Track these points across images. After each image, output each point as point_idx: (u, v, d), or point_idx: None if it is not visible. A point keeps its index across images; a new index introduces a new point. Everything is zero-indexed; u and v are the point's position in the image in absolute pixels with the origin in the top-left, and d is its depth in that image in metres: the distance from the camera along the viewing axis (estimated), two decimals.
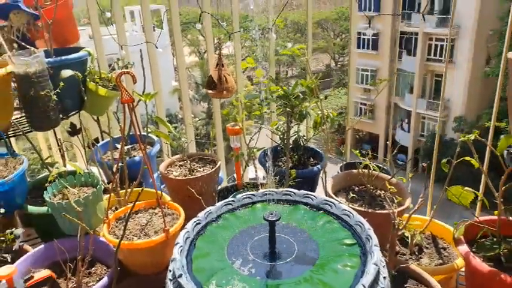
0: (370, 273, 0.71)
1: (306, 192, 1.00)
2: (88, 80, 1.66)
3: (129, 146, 1.70)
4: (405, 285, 1.14)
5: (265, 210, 0.98)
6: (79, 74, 1.56)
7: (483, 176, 1.28)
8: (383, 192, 1.28)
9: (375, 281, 0.72)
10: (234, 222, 0.94)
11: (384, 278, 0.75)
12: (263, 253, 0.82)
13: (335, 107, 18.22)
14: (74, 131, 1.84)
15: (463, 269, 1.19)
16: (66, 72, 1.53)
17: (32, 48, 1.45)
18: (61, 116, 1.61)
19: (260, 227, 0.90)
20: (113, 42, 1.88)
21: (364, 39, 17.70)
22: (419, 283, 1.14)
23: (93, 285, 1.22)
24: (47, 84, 1.45)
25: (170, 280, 0.78)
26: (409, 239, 1.35)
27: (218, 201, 1.63)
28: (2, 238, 1.26)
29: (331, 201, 0.96)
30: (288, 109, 1.41)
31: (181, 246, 0.82)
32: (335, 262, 0.79)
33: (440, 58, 15.33)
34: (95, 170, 1.64)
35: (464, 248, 1.06)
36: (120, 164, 1.29)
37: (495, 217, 1.10)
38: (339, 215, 0.93)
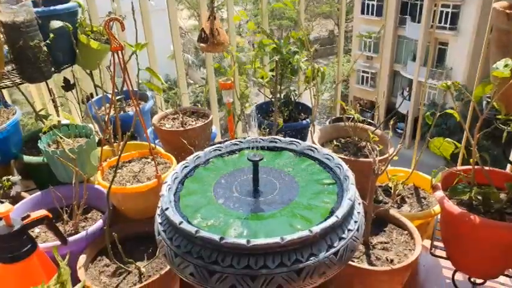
0: (344, 207, 0.76)
1: (291, 139, 1.04)
2: (79, 32, 1.65)
3: (121, 96, 1.72)
4: (384, 229, 1.21)
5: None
6: (69, 26, 1.56)
7: (465, 131, 1.32)
8: (368, 143, 1.32)
9: (349, 214, 0.77)
10: (221, 166, 0.99)
11: (358, 213, 0.80)
12: (247, 191, 0.87)
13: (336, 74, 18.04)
14: (67, 85, 1.86)
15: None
16: (56, 23, 1.53)
17: None
18: (53, 69, 1.62)
19: (245, 170, 0.94)
20: None
21: (368, 4, 17.25)
22: (398, 227, 1.21)
23: (89, 228, 1.28)
24: (37, 35, 1.45)
25: (158, 215, 0.83)
26: (392, 189, 1.41)
27: None
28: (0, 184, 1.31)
29: (314, 147, 1.00)
30: (279, 63, 1.43)
31: (169, 185, 0.87)
32: (314, 199, 0.84)
33: (445, 25, 15.02)
34: (90, 125, 1.67)
35: (439, 193, 1.12)
36: (111, 114, 1.32)
37: (471, 166, 1.15)
38: (321, 159, 0.97)
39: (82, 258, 1.14)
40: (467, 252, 1.12)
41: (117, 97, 1.63)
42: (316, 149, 0.99)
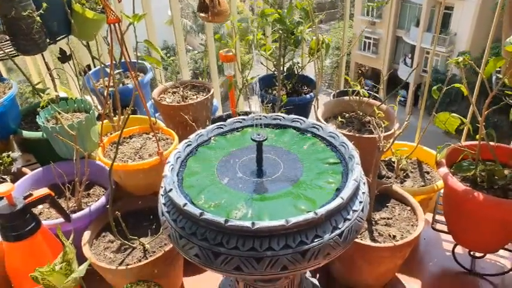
0: (349, 188, 0.75)
1: (295, 116, 1.02)
2: (73, 1, 1.59)
3: (120, 71, 1.68)
4: (387, 204, 1.21)
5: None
6: None
7: (471, 105, 1.30)
8: (373, 118, 1.30)
9: (354, 195, 0.77)
10: (224, 144, 0.97)
11: (363, 193, 0.80)
12: (250, 171, 0.86)
13: (339, 40, 17.72)
14: (64, 57, 1.80)
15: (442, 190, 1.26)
16: None
17: None
18: (48, 40, 1.57)
19: (249, 149, 0.93)
20: None
21: None
22: (400, 202, 1.21)
23: (92, 204, 1.29)
24: (29, 4, 1.40)
25: (162, 195, 0.82)
26: (395, 164, 1.41)
27: None
28: (1, 161, 1.30)
29: (318, 125, 0.98)
30: (283, 34, 1.38)
31: (172, 165, 0.86)
32: (318, 179, 0.83)
33: None
34: (89, 98, 1.64)
35: (443, 169, 1.11)
36: (111, 89, 1.29)
37: (477, 142, 1.13)
38: (325, 137, 0.95)
39: (86, 235, 1.15)
40: (468, 228, 1.13)
41: (116, 71, 1.59)
42: (320, 127, 0.97)
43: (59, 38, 1.64)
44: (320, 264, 0.73)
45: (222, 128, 1.02)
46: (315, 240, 0.70)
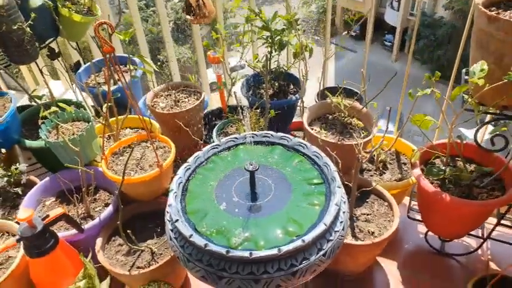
0: (331, 213, 0.87)
1: (282, 134, 1.12)
2: (59, 5, 1.60)
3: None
4: (367, 199, 1.35)
5: (247, 151, 1.11)
6: (49, 3, 1.51)
7: (443, 108, 1.40)
8: (354, 119, 1.40)
9: (336, 217, 0.89)
10: (220, 164, 1.08)
11: (344, 212, 0.93)
12: (245, 194, 0.97)
13: None
14: (52, 54, 1.83)
15: None
16: (36, 1, 1.48)
17: None
18: (37, 44, 1.59)
19: (243, 170, 1.03)
20: None
21: None
22: (379, 198, 1.35)
23: (100, 209, 1.41)
24: (18, 17, 1.42)
25: (169, 221, 0.94)
26: (375, 157, 1.53)
27: (205, 127, 1.75)
28: (9, 173, 1.38)
29: (303, 143, 1.08)
30: (268, 39, 1.43)
31: (175, 192, 0.97)
32: (304, 201, 0.95)
33: None
34: (88, 111, 1.68)
35: (417, 171, 1.24)
36: (108, 106, 1.36)
37: (446, 140, 1.26)
38: (310, 155, 1.06)
39: (99, 241, 1.28)
40: (438, 220, 1.28)
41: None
42: (305, 145, 1.08)
43: (48, 41, 1.66)
44: (308, 279, 0.87)
45: (216, 147, 1.12)
46: (303, 262, 0.83)
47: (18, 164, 1.43)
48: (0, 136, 1.40)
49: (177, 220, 0.89)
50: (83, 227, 1.26)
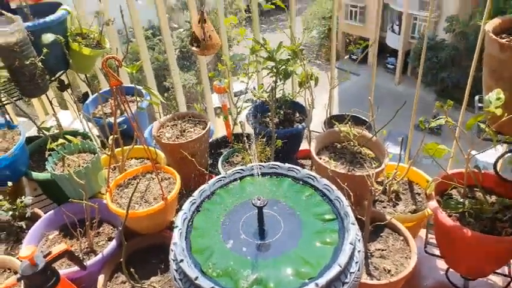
0: (346, 252, 0.82)
1: (290, 165, 1.08)
2: (70, 40, 1.62)
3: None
4: (381, 234, 1.29)
5: (254, 184, 1.07)
6: (61, 38, 1.53)
7: (456, 134, 1.36)
8: (364, 148, 1.37)
9: (351, 257, 0.84)
10: (226, 198, 1.04)
11: (359, 251, 0.87)
12: (253, 231, 0.93)
13: (325, 10, 17.50)
14: (62, 86, 1.84)
15: None
16: (48, 37, 1.50)
17: (10, 15, 1.39)
18: (48, 77, 1.61)
19: (250, 203, 0.99)
20: None
21: None
22: (393, 231, 1.29)
23: (104, 244, 1.37)
24: (31, 52, 1.43)
25: (173, 260, 0.89)
26: (388, 187, 1.48)
27: (211, 154, 1.72)
28: (14, 207, 1.36)
29: (313, 176, 1.04)
30: (273, 69, 1.43)
31: (180, 229, 0.93)
32: (316, 239, 0.90)
33: None
34: (93, 143, 1.67)
35: (433, 203, 1.18)
36: (114, 138, 1.34)
37: (463, 170, 1.21)
38: (321, 188, 1.02)
39: (101, 278, 1.23)
40: (459, 257, 1.21)
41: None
42: (315, 177, 1.04)
43: (58, 74, 1.68)
44: None
45: (222, 180, 1.08)
46: None
47: (23, 196, 1.41)
48: (8, 169, 1.38)
49: (182, 260, 0.84)
50: (85, 263, 1.21)
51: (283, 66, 1.42)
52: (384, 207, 1.46)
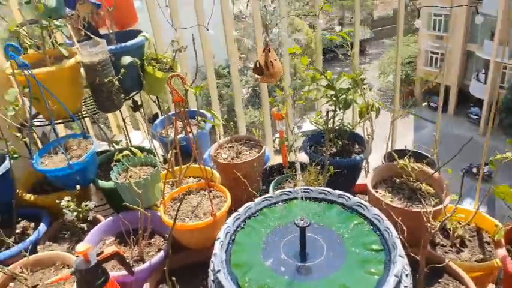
0: (389, 285, 0.76)
1: (340, 192, 1.05)
2: (146, 63, 1.78)
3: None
4: (439, 280, 1.18)
5: (301, 207, 1.05)
6: (137, 61, 1.68)
7: None
8: (424, 185, 1.28)
9: None
10: (270, 218, 1.03)
11: (405, 287, 0.80)
12: (293, 253, 0.91)
13: (404, 55, 17.17)
14: (135, 106, 2.01)
15: None
16: (126, 59, 1.66)
17: (96, 39, 1.59)
18: (123, 96, 1.77)
19: (294, 227, 0.97)
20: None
21: None
22: (454, 279, 1.17)
23: (153, 254, 1.41)
24: (110, 71, 1.59)
25: (211, 271, 0.90)
26: (451, 231, 1.36)
27: (264, 179, 1.73)
28: (79, 209, 1.48)
29: (363, 204, 1.00)
30: (332, 98, 1.42)
31: (222, 241, 0.94)
32: (360, 268, 0.85)
33: None
34: (155, 157, 1.78)
35: (502, 251, 1.06)
36: (174, 151, 1.42)
37: None
38: (370, 218, 0.97)
39: (146, 286, 1.26)
40: None
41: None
42: (366, 206, 0.99)
43: (132, 94, 1.84)
44: None
45: (269, 200, 1.08)
46: None
47: (89, 201, 1.53)
48: (78, 174, 1.52)
49: (219, 271, 0.85)
50: (133, 269, 1.26)
51: (343, 95, 1.41)
52: (446, 252, 1.33)
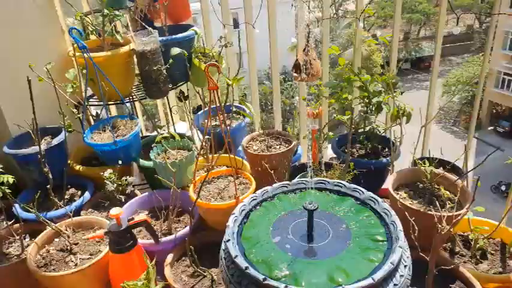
0: (383, 270, 0.80)
1: (355, 186, 1.09)
2: (193, 56, 1.91)
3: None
4: (450, 285, 1.17)
5: (316, 197, 1.11)
6: (185, 52, 1.82)
7: None
8: (445, 192, 1.28)
9: (389, 276, 0.81)
10: (285, 203, 1.10)
11: (401, 276, 0.84)
12: (300, 234, 0.97)
13: (471, 75, 16.26)
14: (182, 97, 2.16)
15: None
16: (175, 50, 1.80)
17: (150, 29, 1.74)
18: (170, 86, 1.91)
19: (305, 212, 1.03)
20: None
21: None
22: (466, 286, 1.16)
23: (180, 230, 1.53)
24: (159, 60, 1.74)
25: (224, 241, 0.98)
26: (473, 242, 1.34)
27: (293, 175, 1.79)
28: (120, 183, 1.63)
29: (375, 198, 1.04)
30: (364, 99, 1.46)
31: (236, 216, 1.02)
32: (361, 254, 0.89)
33: None
34: (190, 142, 1.91)
35: None
36: (208, 136, 1.53)
37: None
38: (380, 212, 1.01)
39: (169, 257, 1.38)
40: None
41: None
42: (377, 200, 1.03)
43: (179, 84, 1.99)
44: None
45: (286, 187, 1.15)
46: None
47: (129, 177, 1.68)
48: (122, 151, 1.68)
49: (229, 240, 0.93)
50: (160, 240, 1.38)
51: (376, 98, 1.44)
52: (464, 262, 1.31)
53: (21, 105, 1.48)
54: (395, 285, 0.82)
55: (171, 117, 2.21)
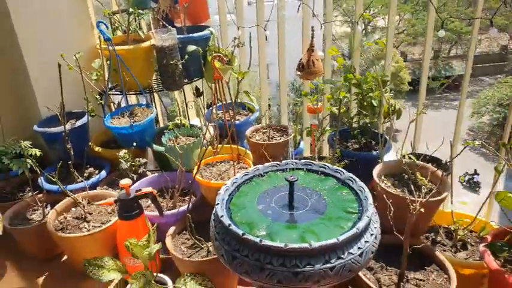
0: (348, 233, 0.91)
1: (337, 168, 1.21)
2: (208, 54, 2.07)
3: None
4: (426, 267, 1.26)
5: (302, 176, 1.23)
6: (200, 49, 1.98)
7: None
8: (426, 183, 1.37)
9: (353, 240, 0.92)
10: (274, 179, 1.22)
11: (366, 242, 0.94)
12: (282, 204, 1.09)
13: (504, 95, 15.77)
14: (197, 92, 2.32)
15: None
16: (191, 47, 1.97)
17: (169, 27, 1.92)
18: (186, 80, 2.08)
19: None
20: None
21: None
22: (440, 268, 1.25)
23: (181, 207, 1.66)
24: (176, 56, 1.91)
25: (215, 207, 1.12)
26: (454, 233, 1.42)
27: None
28: (133, 163, 1.79)
29: (353, 178, 1.15)
30: (359, 96, 1.57)
31: (227, 187, 1.15)
32: (332, 222, 1.01)
33: None
34: (198, 129, 2.06)
35: (482, 246, 1.13)
36: (214, 125, 1.67)
37: None
38: (356, 189, 1.12)
39: (171, 230, 1.52)
40: None
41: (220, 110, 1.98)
42: (355, 180, 1.14)
43: (194, 79, 2.15)
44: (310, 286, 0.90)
45: (276, 166, 1.27)
46: (307, 266, 0.88)
47: (141, 159, 1.85)
48: (137, 135, 1.85)
49: (218, 204, 1.06)
50: (164, 213, 1.53)
51: (370, 94, 1.55)
52: (444, 250, 1.39)
53: (51, 90, 1.68)
54: (359, 248, 0.92)
55: (187, 111, 2.37)
